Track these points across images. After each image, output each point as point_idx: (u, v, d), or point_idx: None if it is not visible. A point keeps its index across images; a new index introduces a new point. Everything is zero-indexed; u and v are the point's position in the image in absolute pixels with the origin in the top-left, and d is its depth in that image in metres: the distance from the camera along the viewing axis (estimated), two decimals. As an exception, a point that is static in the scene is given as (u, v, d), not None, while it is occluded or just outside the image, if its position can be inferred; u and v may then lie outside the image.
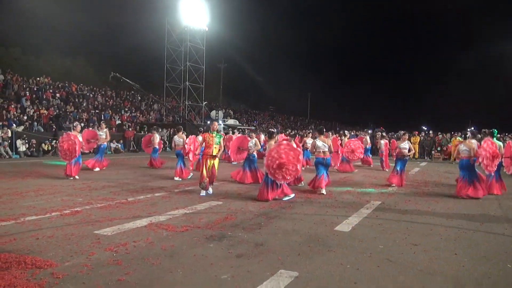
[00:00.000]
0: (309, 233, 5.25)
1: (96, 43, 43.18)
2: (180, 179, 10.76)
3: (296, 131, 35.62)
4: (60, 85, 28.77)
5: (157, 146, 14.10)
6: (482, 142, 8.74)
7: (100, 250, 4.28)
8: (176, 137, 11.70)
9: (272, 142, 8.17)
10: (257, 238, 4.94)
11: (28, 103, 23.24)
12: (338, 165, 13.54)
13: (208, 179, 8.06)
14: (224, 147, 10.52)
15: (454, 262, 4.17)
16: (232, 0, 49.43)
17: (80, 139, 10.89)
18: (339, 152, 12.99)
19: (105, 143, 13.35)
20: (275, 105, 58.81)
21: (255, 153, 10.49)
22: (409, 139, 13.78)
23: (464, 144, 8.75)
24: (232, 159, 12.32)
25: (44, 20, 35.35)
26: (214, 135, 8.15)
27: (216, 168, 8.28)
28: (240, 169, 10.53)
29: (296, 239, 4.94)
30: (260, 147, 10.79)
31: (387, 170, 14.16)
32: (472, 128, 30.57)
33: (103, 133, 13.01)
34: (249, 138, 10.90)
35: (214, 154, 8.16)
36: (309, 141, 13.41)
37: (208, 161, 8.15)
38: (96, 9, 40.60)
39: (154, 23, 35.41)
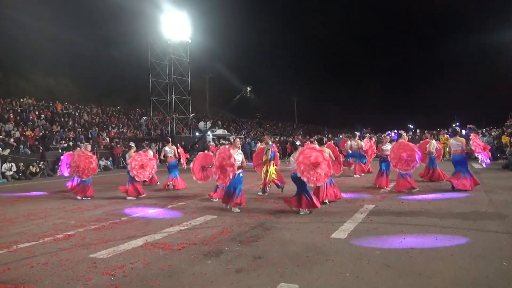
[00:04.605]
0: (306, 243, 5.26)
1: (78, 61, 42.78)
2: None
3: (284, 137, 35.70)
4: (44, 105, 28.44)
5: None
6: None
7: (97, 275, 4.23)
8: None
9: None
10: (255, 251, 4.93)
11: (12, 125, 22.90)
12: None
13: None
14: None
15: (451, 263, 4.22)
16: (213, 11, 49.75)
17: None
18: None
19: None
20: (262, 112, 58.85)
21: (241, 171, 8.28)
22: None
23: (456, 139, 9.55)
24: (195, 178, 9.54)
25: (24, 41, 35.04)
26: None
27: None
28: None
29: (293, 249, 4.95)
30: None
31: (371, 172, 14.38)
32: (458, 124, 31.09)
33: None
34: (211, 154, 9.64)
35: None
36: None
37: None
38: (77, 27, 40.34)
39: (137, 38, 35.25)
